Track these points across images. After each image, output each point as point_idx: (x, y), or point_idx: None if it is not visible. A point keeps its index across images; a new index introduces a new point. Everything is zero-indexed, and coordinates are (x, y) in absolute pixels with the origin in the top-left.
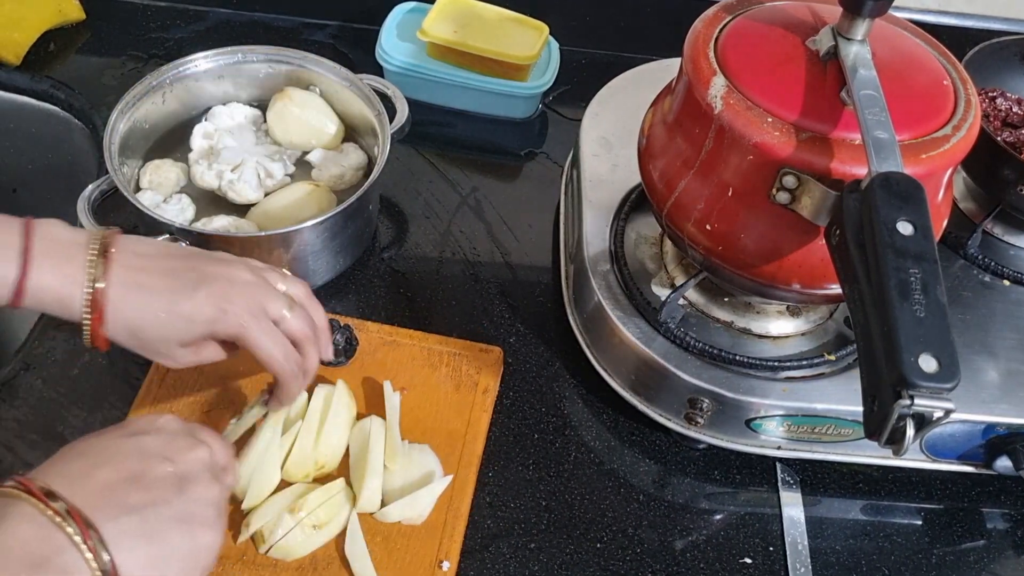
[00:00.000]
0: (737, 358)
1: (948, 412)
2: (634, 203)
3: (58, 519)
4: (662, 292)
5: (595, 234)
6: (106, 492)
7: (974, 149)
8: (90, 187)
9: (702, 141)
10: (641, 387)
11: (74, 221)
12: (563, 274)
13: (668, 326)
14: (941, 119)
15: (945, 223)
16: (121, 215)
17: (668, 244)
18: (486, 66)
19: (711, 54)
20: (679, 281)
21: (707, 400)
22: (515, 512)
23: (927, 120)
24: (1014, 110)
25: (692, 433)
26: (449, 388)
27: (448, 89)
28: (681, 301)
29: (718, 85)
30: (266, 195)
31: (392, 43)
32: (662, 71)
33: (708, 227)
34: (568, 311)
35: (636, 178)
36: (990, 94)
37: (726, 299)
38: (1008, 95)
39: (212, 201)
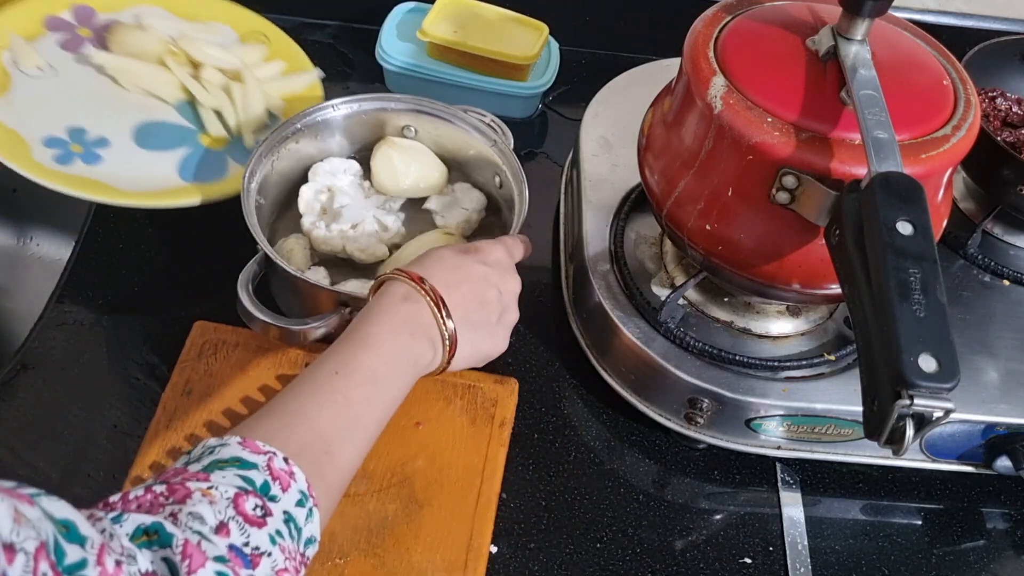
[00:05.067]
0: (737, 358)
1: (948, 412)
2: (634, 203)
3: (425, 295)
4: (662, 292)
5: (595, 234)
6: (460, 304)
7: (974, 149)
8: (245, 271)
9: (702, 141)
10: (641, 387)
11: (74, 222)
12: (563, 274)
13: (668, 326)
14: (941, 119)
15: (945, 223)
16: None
17: (668, 244)
18: (486, 66)
19: (711, 54)
20: (679, 281)
21: (707, 400)
22: (515, 512)
23: (927, 120)
24: (1014, 110)
25: (692, 433)
26: (465, 422)
27: (448, 89)
28: (681, 301)
29: (718, 85)
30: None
31: (392, 43)
32: (662, 71)
33: (708, 227)
34: (568, 311)
35: (636, 178)
36: (990, 94)
37: (726, 299)
38: (1008, 95)
39: (334, 264)
